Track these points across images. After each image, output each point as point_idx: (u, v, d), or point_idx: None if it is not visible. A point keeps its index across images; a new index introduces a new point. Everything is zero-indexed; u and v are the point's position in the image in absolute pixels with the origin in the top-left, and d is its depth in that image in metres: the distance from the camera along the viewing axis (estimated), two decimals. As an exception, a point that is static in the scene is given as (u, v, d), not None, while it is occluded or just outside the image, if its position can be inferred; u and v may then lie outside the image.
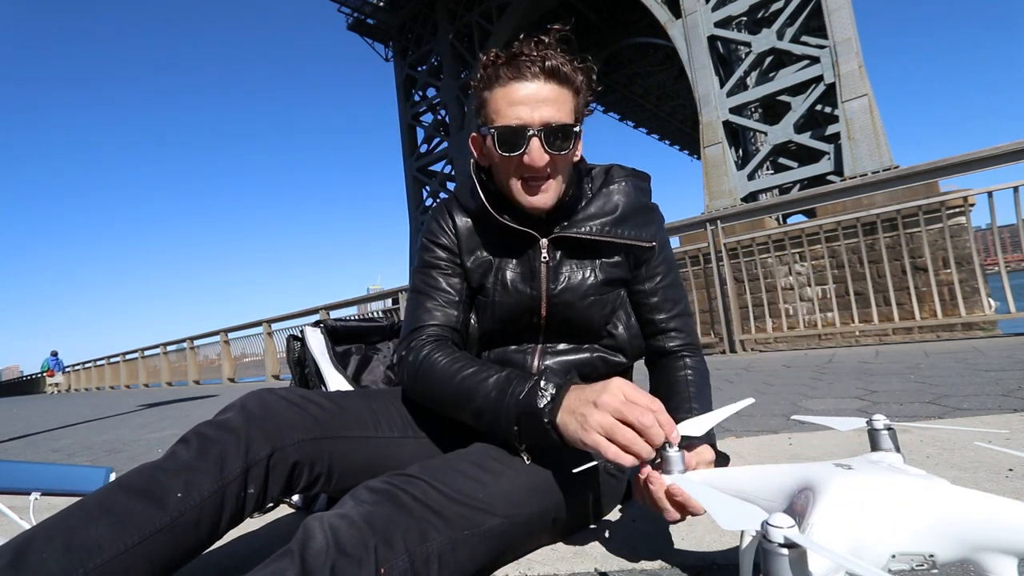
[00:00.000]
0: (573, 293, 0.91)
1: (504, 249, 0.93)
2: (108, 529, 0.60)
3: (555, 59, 0.83)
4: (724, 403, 0.75)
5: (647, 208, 0.97)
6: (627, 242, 0.93)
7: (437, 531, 0.64)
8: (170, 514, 0.63)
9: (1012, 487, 0.97)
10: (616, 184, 0.95)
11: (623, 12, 22.23)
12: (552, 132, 0.82)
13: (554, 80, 0.83)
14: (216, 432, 0.72)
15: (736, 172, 13.28)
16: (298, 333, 1.18)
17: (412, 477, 0.69)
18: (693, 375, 0.96)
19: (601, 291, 0.93)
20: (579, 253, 0.93)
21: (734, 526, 0.44)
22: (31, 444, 3.79)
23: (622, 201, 0.94)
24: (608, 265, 0.93)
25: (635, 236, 0.93)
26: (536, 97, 0.82)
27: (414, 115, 25.51)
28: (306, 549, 0.56)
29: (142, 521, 0.61)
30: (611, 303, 0.95)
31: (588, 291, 0.92)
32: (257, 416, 0.75)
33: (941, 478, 0.50)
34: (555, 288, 0.91)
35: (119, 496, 0.63)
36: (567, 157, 0.87)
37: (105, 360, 15.82)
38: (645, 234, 0.94)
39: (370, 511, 0.62)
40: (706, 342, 4.91)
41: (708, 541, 0.86)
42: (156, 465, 0.68)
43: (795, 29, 12.45)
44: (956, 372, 2.32)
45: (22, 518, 0.86)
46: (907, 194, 4.57)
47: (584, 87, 0.88)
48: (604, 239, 0.91)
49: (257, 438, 0.72)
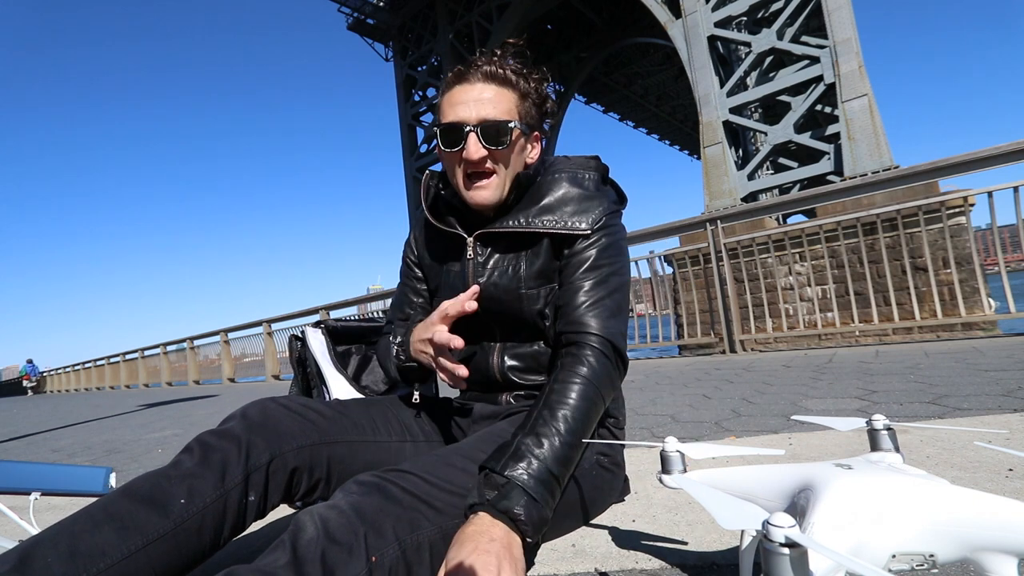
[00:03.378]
0: (499, 288, 0.92)
1: (446, 253, 1.00)
2: (112, 535, 0.61)
3: (497, 64, 0.88)
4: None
5: (582, 196, 0.92)
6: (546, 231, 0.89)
7: (428, 520, 0.65)
8: (173, 520, 0.64)
9: (1012, 487, 0.97)
10: (550, 176, 0.95)
11: (623, 12, 22.24)
12: (489, 127, 0.86)
13: (493, 82, 0.89)
14: (218, 440, 0.73)
15: (736, 172, 13.28)
16: (299, 333, 1.18)
17: (402, 471, 0.70)
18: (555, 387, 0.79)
19: (530, 285, 0.91)
20: (506, 248, 0.93)
21: (734, 526, 0.44)
22: (31, 444, 3.79)
23: (550, 191, 0.93)
24: (533, 257, 0.91)
25: (559, 225, 0.89)
26: (475, 96, 0.88)
27: (414, 115, 25.51)
28: (297, 539, 0.57)
29: (145, 527, 0.62)
30: (543, 297, 0.91)
31: (514, 285, 0.91)
32: (257, 424, 0.77)
33: (941, 478, 0.50)
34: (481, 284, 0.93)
35: (123, 502, 0.64)
36: (506, 154, 0.89)
37: (105, 360, 15.82)
38: (574, 222, 0.89)
39: (359, 501, 0.62)
40: (706, 342, 4.92)
41: (708, 541, 0.86)
42: (160, 472, 0.69)
43: (795, 29, 12.45)
44: (956, 372, 2.32)
45: (22, 518, 0.86)
46: (907, 194, 4.58)
47: (532, 92, 0.92)
48: (520, 230, 0.90)
49: (257, 445, 0.74)
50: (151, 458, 2.59)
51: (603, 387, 0.81)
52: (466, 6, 22.21)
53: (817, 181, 12.13)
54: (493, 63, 0.89)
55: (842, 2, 11.71)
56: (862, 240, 4.36)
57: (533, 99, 0.92)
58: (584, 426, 0.77)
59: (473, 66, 0.89)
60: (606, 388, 0.82)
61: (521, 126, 0.89)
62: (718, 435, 1.75)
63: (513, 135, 0.88)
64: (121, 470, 2.35)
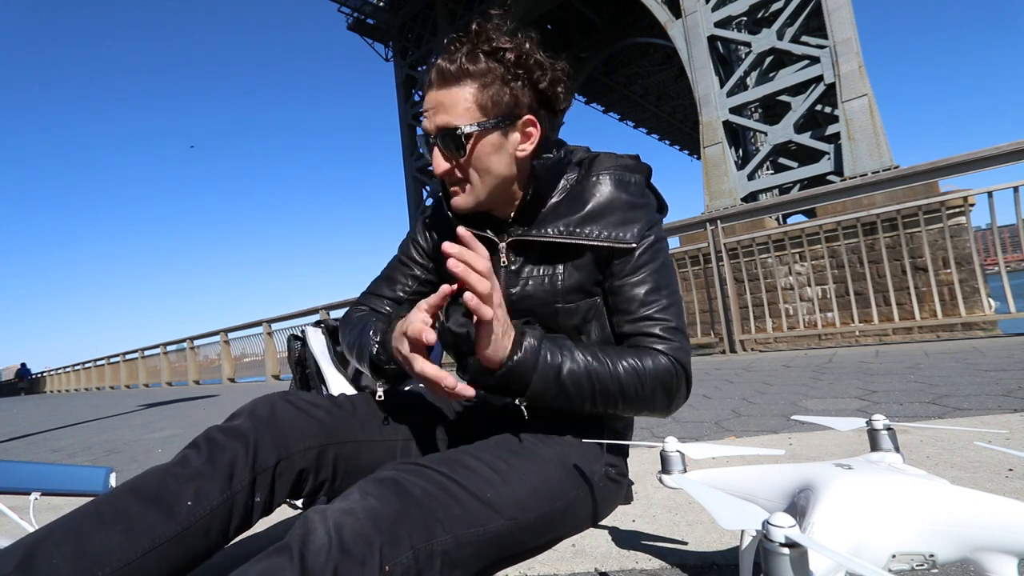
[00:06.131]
0: (534, 300, 0.85)
1: None
2: (119, 536, 0.60)
3: (447, 58, 0.79)
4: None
5: (628, 204, 0.84)
6: (590, 243, 0.82)
7: (443, 528, 0.63)
8: (180, 523, 0.63)
9: (1012, 487, 0.97)
10: (594, 177, 0.86)
11: (623, 12, 22.23)
12: (445, 137, 0.80)
13: (444, 83, 0.80)
14: (226, 439, 0.72)
15: (736, 172, 13.28)
16: (299, 333, 1.18)
17: (422, 467, 0.68)
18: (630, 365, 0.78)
19: (568, 299, 0.85)
20: (542, 258, 0.86)
21: (734, 526, 0.44)
22: (31, 444, 3.79)
23: (595, 196, 0.85)
24: (573, 270, 0.84)
25: (603, 237, 0.82)
26: (431, 103, 0.81)
27: (414, 115, 25.50)
28: (306, 546, 0.54)
29: (153, 530, 0.62)
30: (582, 312, 0.86)
31: (550, 299, 0.85)
32: (265, 422, 0.75)
33: (941, 478, 0.50)
34: (514, 294, 0.86)
35: (131, 502, 0.63)
36: (470, 160, 0.81)
37: (105, 360, 15.82)
38: (619, 234, 0.82)
39: (376, 507, 0.60)
40: (706, 342, 4.91)
41: (708, 541, 0.86)
42: (167, 470, 0.67)
43: (795, 29, 12.45)
44: (956, 372, 2.32)
45: (22, 518, 0.86)
46: (907, 194, 4.57)
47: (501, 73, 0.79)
48: (564, 240, 0.83)
49: (265, 445, 0.72)
50: (151, 458, 2.59)
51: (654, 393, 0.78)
52: (466, 6, 22.21)
53: (817, 181, 12.13)
54: (448, 56, 0.79)
55: (842, 2, 11.71)
56: (862, 240, 4.36)
57: (506, 79, 0.79)
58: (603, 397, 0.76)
59: (432, 66, 0.81)
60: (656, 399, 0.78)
61: (486, 123, 0.79)
62: (718, 435, 1.75)
63: (473, 139, 0.79)
64: (121, 470, 2.35)
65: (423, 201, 25.38)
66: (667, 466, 0.63)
